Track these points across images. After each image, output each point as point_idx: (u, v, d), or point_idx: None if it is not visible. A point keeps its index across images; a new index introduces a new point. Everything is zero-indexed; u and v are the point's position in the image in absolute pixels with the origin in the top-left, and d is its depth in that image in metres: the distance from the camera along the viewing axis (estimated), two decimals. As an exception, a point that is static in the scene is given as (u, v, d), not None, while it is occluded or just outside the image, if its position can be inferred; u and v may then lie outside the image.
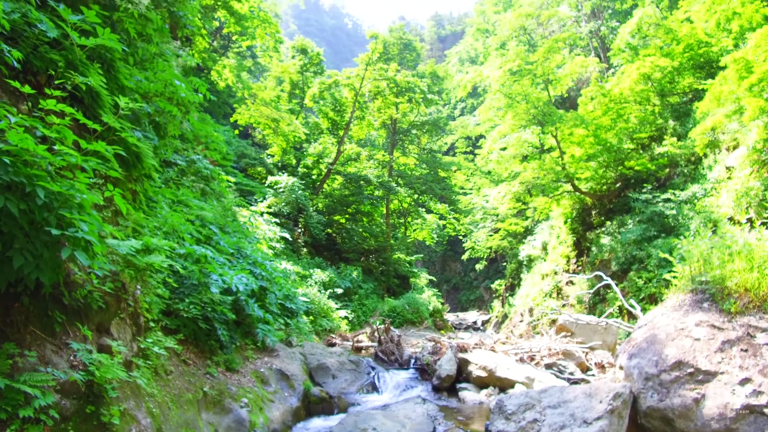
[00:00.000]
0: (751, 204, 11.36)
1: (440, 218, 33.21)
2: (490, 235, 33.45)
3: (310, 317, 13.54)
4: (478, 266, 38.10)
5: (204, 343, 6.59)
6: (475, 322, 30.54)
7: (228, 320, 6.94)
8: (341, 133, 28.20)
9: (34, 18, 4.21)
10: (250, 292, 8.05)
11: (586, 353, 9.92)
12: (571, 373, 9.09)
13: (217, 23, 23.20)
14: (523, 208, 28.85)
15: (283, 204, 21.18)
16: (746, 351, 5.36)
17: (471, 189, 37.21)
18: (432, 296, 23.91)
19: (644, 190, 15.99)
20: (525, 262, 27.80)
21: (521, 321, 22.05)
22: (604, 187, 19.28)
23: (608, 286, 13.91)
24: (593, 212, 19.90)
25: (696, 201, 13.94)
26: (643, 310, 10.37)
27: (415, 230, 33.57)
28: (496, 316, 29.96)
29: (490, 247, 33.66)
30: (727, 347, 5.49)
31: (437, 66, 42.35)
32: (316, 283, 17.04)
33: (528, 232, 29.76)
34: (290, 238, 18.86)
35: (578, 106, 23.32)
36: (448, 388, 9.43)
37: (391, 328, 12.30)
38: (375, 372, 9.92)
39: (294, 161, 28.04)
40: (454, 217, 33.29)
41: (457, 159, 39.96)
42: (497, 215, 32.39)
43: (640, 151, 18.16)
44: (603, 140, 17.41)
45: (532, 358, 9.85)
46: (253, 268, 9.15)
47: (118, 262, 4.49)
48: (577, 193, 19.70)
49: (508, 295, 29.71)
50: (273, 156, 27.33)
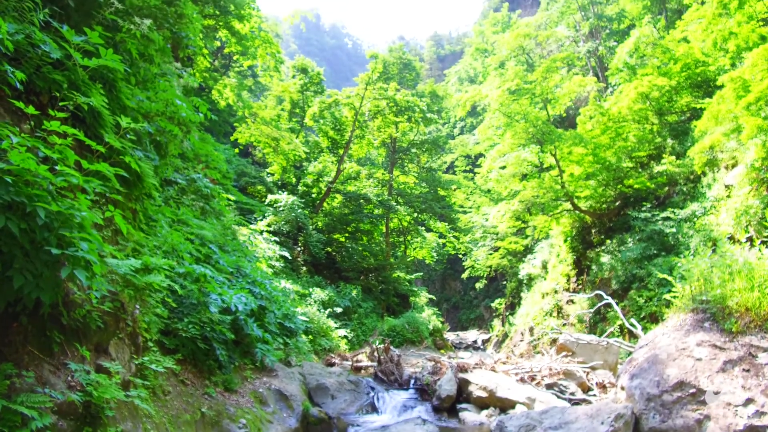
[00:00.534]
0: (751, 222, 11.38)
1: (440, 237, 33.23)
2: (490, 254, 33.36)
3: (309, 336, 13.44)
4: (478, 285, 37.90)
5: (202, 363, 6.53)
6: (476, 342, 30.35)
7: (227, 340, 6.88)
8: (341, 151, 28.31)
9: (37, 39, 4.27)
10: (250, 312, 8.00)
11: (587, 373, 9.85)
12: (573, 394, 9.01)
13: (218, 43, 23.41)
14: (523, 227, 28.80)
15: (283, 222, 21.17)
16: (748, 371, 5.33)
17: (470, 207, 37.22)
18: (432, 315, 23.74)
19: (644, 209, 16.04)
20: (525, 281, 27.71)
21: (522, 340, 21.88)
22: (604, 206, 19.33)
23: (609, 305, 13.86)
24: (593, 231, 19.90)
25: (695, 219, 13.96)
26: (644, 329, 10.33)
27: (414, 249, 33.54)
28: (497, 336, 29.77)
29: (490, 266, 33.55)
30: (729, 367, 5.45)
31: (436, 85, 42.85)
32: (315, 302, 16.93)
33: (528, 250, 29.67)
34: (290, 257, 18.79)
35: (577, 125, 23.51)
36: (449, 408, 9.32)
37: (391, 347, 12.20)
38: (374, 392, 9.82)
39: (294, 180, 28.09)
40: (454, 236, 33.29)
41: (456, 177, 40.00)
42: (497, 234, 32.33)
43: (639, 170, 18.24)
44: (602, 159, 17.50)
45: (533, 378, 9.78)
46: (252, 287, 9.11)
47: (118, 281, 4.48)
48: (577, 212, 19.73)
49: (508, 314, 29.55)
50: (273, 174, 27.37)
